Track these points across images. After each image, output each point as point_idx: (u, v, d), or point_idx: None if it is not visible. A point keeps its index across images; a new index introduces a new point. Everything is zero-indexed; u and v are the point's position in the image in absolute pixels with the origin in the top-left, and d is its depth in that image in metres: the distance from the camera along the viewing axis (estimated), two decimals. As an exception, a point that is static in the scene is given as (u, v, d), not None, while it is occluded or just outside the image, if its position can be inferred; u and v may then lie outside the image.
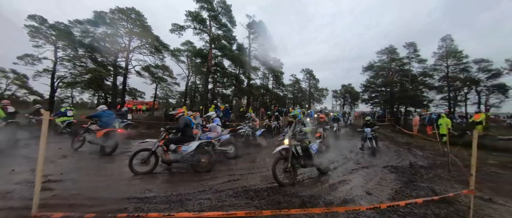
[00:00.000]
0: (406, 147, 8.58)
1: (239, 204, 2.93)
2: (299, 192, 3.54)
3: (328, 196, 3.43)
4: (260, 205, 2.95)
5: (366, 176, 4.53)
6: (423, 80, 21.14)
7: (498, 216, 2.83)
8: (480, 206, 3.09)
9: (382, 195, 3.55)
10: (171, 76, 22.68)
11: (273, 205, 2.96)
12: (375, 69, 22.72)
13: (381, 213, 2.67)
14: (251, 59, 22.31)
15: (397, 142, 10.00)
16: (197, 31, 15.83)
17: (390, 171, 4.92)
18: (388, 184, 4.07)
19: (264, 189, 3.61)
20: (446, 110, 18.64)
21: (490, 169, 5.48)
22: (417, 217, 2.63)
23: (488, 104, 20.47)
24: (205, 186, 3.71)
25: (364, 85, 24.31)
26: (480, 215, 2.80)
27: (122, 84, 15.20)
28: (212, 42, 15.08)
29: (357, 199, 3.37)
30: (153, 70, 17.82)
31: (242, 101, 25.60)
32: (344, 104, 37.42)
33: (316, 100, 35.37)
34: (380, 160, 6.21)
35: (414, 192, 3.56)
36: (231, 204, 2.93)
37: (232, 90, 24.38)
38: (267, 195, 3.36)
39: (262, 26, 20.65)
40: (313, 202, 3.09)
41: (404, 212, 2.76)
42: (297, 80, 33.06)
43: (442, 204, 2.96)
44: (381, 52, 22.35)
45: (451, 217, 2.62)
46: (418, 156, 7.08)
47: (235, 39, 16.89)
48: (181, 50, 20.26)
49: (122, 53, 15.22)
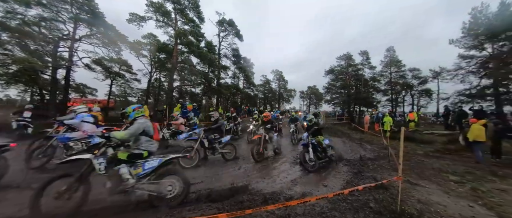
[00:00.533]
0: (359, 142, 9.74)
1: (199, 208, 2.82)
2: (263, 190, 3.63)
3: (289, 191, 3.61)
4: (223, 206, 2.90)
5: (324, 170, 4.95)
6: (373, 84, 24.46)
7: (420, 196, 3.47)
8: (408, 189, 3.74)
9: (336, 186, 3.94)
10: (130, 71, 20.35)
11: (236, 205, 2.94)
12: (335, 73, 25.15)
13: (333, 202, 2.95)
14: (221, 58, 21.85)
15: (352, 138, 11.26)
16: (161, 24, 14.57)
17: (344, 164, 5.49)
18: (341, 176, 4.54)
19: (228, 189, 3.57)
20: (390, 109, 21.97)
21: (418, 158, 6.69)
22: (361, 203, 3.00)
23: (419, 105, 25.23)
24: (244, 172, 3.54)
25: (326, 87, 26.72)
26: (408, 196, 3.37)
27: (65, 79, 12.81)
28: (178, 37, 14.08)
29: (315, 191, 3.66)
30: (106, 64, 15.61)
31: (212, 101, 24.87)
32: (310, 105, 40.27)
33: (285, 100, 37.00)
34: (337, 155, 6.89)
35: (361, 181, 4.06)
36: (190, 209, 2.79)
37: (201, 89, 23.43)
38: (231, 195, 3.33)
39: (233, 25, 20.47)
40: (275, 198, 3.21)
41: (352, 199, 3.12)
42: (268, 80, 34.00)
43: (380, 189, 3.46)
44: (340, 58, 24.87)
45: (387, 200, 3.08)
46: (367, 149, 8.11)
47: (204, 36, 16.22)
48: (143, 44, 18.37)
49: (65, 42, 12.85)
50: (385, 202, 2.98)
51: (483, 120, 6.69)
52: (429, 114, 27.42)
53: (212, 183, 4.04)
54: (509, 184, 4.33)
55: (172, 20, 14.34)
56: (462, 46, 15.06)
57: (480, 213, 2.98)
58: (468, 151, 6.96)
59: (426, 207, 3.01)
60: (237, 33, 21.03)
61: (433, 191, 3.79)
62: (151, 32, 18.17)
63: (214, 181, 4.19)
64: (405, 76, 23.38)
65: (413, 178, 4.50)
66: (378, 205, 2.91)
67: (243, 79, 26.88)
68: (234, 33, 20.94)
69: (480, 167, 5.55)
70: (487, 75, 13.85)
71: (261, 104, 34.60)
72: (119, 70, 18.38)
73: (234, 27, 20.60)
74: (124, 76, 19.56)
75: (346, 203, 3.00)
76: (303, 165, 4.77)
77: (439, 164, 5.93)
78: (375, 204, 2.93)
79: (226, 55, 22.76)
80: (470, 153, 6.62)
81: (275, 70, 34.48)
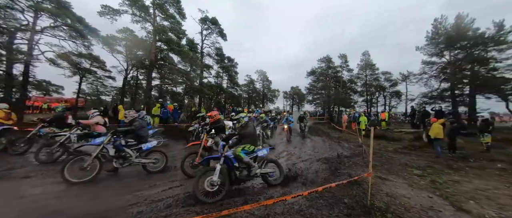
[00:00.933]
0: (337, 141, 10.27)
1: (177, 213, 2.71)
2: (244, 191, 3.62)
3: (270, 190, 3.66)
4: (202, 210, 2.83)
5: (304, 168, 5.12)
6: (350, 86, 25.98)
7: (388, 189, 3.77)
8: (378, 184, 4.04)
9: (314, 184, 4.09)
10: (103, 68, 18.80)
11: (216, 207, 2.89)
12: (316, 75, 26.19)
13: (310, 200, 3.07)
14: (204, 57, 21.29)
15: (331, 137, 11.83)
16: (137, 19, 13.66)
17: (322, 162, 5.74)
18: (320, 173, 4.73)
19: (209, 192, 3.49)
20: (364, 109, 23.56)
21: (388, 154, 7.27)
22: (337, 199, 3.17)
23: (390, 105, 27.47)
24: (140, 197, 3.25)
25: (308, 88, 27.71)
26: (378, 191, 3.65)
27: (23, 75, 11.34)
28: (157, 33, 13.34)
29: (294, 190, 3.76)
30: (74, 59, 14.20)
31: (195, 100, 24.14)
32: (293, 105, 41.29)
33: (269, 100, 37.46)
34: (317, 153, 7.18)
35: (337, 178, 4.28)
36: (168, 214, 2.67)
37: (183, 88, 22.59)
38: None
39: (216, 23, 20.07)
40: (255, 199, 3.23)
41: (328, 196, 3.27)
42: (252, 80, 34.10)
43: (354, 185, 3.69)
44: (320, 60, 25.96)
45: (359, 195, 3.29)
46: (344, 147, 8.58)
47: (185, 34, 15.59)
48: (117, 39, 17.09)
49: (23, 34, 11.37)
50: (358, 197, 3.18)
51: (442, 119, 7.53)
52: (399, 113, 29.98)
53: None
54: (461, 176, 4.92)
55: (150, 15, 13.53)
56: (425, 53, 16.77)
57: (437, 202, 3.34)
58: (430, 147, 7.76)
59: (393, 200, 3.28)
60: (221, 32, 20.69)
61: (399, 184, 4.15)
62: (127, 27, 17.04)
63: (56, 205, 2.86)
64: (378, 78, 25.28)
65: (383, 173, 4.88)
66: (351, 200, 3.09)
67: (227, 79, 26.57)
68: (218, 32, 20.56)
69: (439, 161, 6.23)
70: (445, 80, 15.59)
71: (245, 104, 34.59)
72: (90, 67, 16.88)
73: (218, 25, 20.23)
74: (95, 73, 17.99)
75: (323, 199, 3.14)
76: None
77: (405, 159, 6.52)
78: (349, 199, 3.12)
79: (209, 54, 22.27)
80: (432, 149, 7.39)
81: (259, 70, 34.79)
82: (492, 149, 7.46)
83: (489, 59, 13.67)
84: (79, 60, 14.81)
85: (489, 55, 13.76)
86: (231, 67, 26.04)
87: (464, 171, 5.35)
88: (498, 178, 4.83)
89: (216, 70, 24.33)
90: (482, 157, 6.82)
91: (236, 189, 3.64)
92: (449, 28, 15.29)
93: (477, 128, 8.53)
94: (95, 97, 23.20)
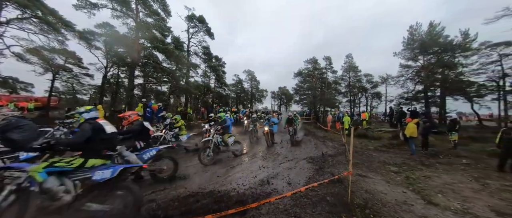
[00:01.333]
0: (322, 140, 10.60)
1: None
2: (231, 192, 3.61)
3: (257, 190, 3.69)
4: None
5: (290, 168, 5.22)
6: (335, 87, 26.99)
7: (367, 186, 3.99)
8: (359, 181, 4.25)
9: (299, 182, 4.19)
10: (80, 65, 17.58)
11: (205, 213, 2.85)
12: (303, 76, 26.83)
13: (294, 199, 3.15)
14: (190, 56, 20.77)
15: (317, 136, 12.18)
16: (118, 14, 12.93)
17: (307, 161, 5.89)
18: (305, 172, 4.86)
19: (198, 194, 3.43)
20: (347, 110, 24.60)
21: (369, 153, 7.66)
22: (320, 197, 3.28)
23: (371, 105, 29.01)
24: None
25: (295, 88, 28.29)
26: (358, 188, 3.84)
27: (-16, 71, 10.20)
28: (140, 30, 12.72)
29: (280, 189, 3.82)
30: (46, 54, 13.09)
31: (181, 100, 23.48)
32: (280, 105, 41.83)
33: (257, 100, 37.57)
34: (303, 153, 7.36)
35: (321, 177, 4.43)
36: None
37: (168, 88, 21.86)
38: (196, 201, 3.20)
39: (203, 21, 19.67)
40: (242, 200, 3.23)
41: (312, 194, 3.38)
42: (240, 80, 33.96)
43: (337, 183, 3.85)
44: (307, 62, 26.64)
45: (341, 193, 3.44)
46: (329, 146, 8.88)
47: (171, 31, 15.03)
48: (96, 34, 16.06)
49: (-16, 25, 10.22)
50: (339, 195, 3.32)
51: (416, 119, 8.12)
52: (379, 113, 31.73)
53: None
54: (432, 172, 5.35)
55: (132, 11, 12.89)
56: (402, 58, 17.96)
57: (410, 197, 3.60)
58: (406, 145, 8.33)
59: (371, 196, 3.48)
60: (208, 30, 20.34)
61: (378, 181, 4.40)
62: (107, 22, 16.09)
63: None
64: (361, 80, 26.57)
65: (363, 171, 5.15)
66: (333, 198, 3.22)
67: (215, 79, 26.20)
68: (205, 30, 20.18)
69: (413, 158, 6.71)
70: (420, 82, 16.84)
71: (233, 104, 34.36)
72: (64, 63, 15.68)
73: (205, 24, 19.86)
74: (71, 70, 16.78)
75: (307, 198, 3.23)
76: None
77: (384, 157, 6.93)
78: (331, 197, 3.24)
79: (196, 52, 21.78)
80: (408, 147, 7.93)
81: (247, 70, 34.76)
82: (458, 146, 8.21)
83: (457, 65, 15.02)
84: (51, 56, 13.68)
85: (456, 61, 15.10)
86: (219, 67, 25.72)
87: (435, 167, 5.82)
88: (463, 172, 5.33)
89: (203, 70, 23.88)
90: (450, 153, 7.46)
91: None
92: (423, 35, 16.53)
93: (446, 127, 9.32)
94: (71, 96, 21.67)
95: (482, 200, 3.56)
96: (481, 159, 6.76)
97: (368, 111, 25.24)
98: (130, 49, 13.23)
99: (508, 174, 5.15)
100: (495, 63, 14.04)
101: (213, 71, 25.03)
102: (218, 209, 2.68)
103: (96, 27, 16.14)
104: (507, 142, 5.39)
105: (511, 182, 4.57)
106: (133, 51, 13.02)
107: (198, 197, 3.30)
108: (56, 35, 12.68)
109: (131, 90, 13.19)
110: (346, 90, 27.00)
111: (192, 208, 2.85)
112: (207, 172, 4.97)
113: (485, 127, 14.28)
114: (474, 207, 3.27)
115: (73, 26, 13.22)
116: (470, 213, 3.07)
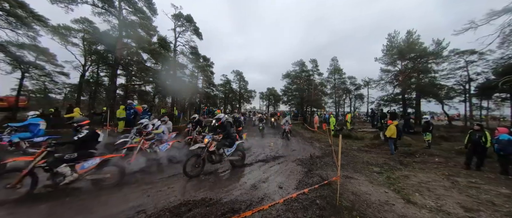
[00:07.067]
0: (310, 141, 10.92)
1: None
2: (223, 199, 3.59)
3: (249, 195, 3.72)
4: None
5: (280, 170, 5.32)
6: (321, 89, 27.89)
7: (353, 188, 4.21)
8: (345, 183, 4.47)
9: (290, 186, 4.29)
10: (53, 62, 16.20)
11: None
12: (291, 77, 27.36)
13: (286, 204, 3.23)
14: (177, 55, 20.13)
15: (304, 137, 12.51)
16: (99, 11, 12.13)
17: (297, 163, 6.05)
18: (295, 175, 4.99)
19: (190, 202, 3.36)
20: (330, 111, 25.59)
21: (353, 153, 8.07)
22: (310, 201, 3.40)
23: (355, 107, 30.47)
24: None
25: (283, 90, 28.77)
26: (345, 190, 4.04)
27: None
28: (123, 29, 12.04)
29: (272, 194, 3.89)
30: (14, 50, 11.90)
31: (167, 101, 22.67)
32: (269, 105, 42.22)
33: (245, 100, 37.51)
34: (292, 154, 7.53)
35: (311, 180, 4.59)
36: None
37: (153, 88, 21.00)
38: (188, 210, 3.15)
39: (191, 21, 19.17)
40: (235, 207, 3.24)
41: (302, 198, 3.49)
42: (228, 80, 33.68)
43: (326, 186, 4.01)
44: (295, 64, 27.22)
45: (330, 196, 3.60)
46: (316, 147, 9.18)
47: (156, 31, 14.44)
48: (73, 30, 14.93)
49: None
50: (328, 198, 3.48)
51: (396, 121, 8.71)
52: (362, 113, 33.41)
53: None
54: (409, 171, 5.79)
55: (115, 8, 12.18)
56: (382, 63, 19.12)
57: (391, 197, 3.88)
58: (386, 145, 8.90)
59: (358, 198, 3.69)
60: (196, 30, 19.85)
61: (362, 182, 4.67)
62: (86, 17, 15.02)
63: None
64: (345, 82, 27.78)
65: (349, 172, 5.42)
66: (323, 201, 3.37)
67: (202, 79, 25.70)
68: (192, 29, 19.66)
69: (392, 158, 7.20)
70: (398, 85, 18.05)
71: (221, 104, 33.98)
72: (35, 60, 14.36)
73: (192, 23, 19.34)
74: (43, 68, 15.39)
75: (298, 202, 3.33)
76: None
77: (367, 157, 7.34)
78: (321, 200, 3.38)
79: (183, 52, 21.17)
80: (387, 146, 8.48)
81: (236, 70, 34.60)
82: (432, 146, 8.96)
83: (430, 70, 16.37)
84: (20, 53, 12.46)
85: (429, 67, 16.46)
86: (207, 67, 25.27)
87: (412, 166, 6.30)
88: (436, 170, 5.84)
89: (191, 70, 23.29)
90: (425, 152, 8.12)
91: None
92: (401, 42, 17.76)
93: (421, 127, 10.13)
94: (42, 96, 19.95)
95: (453, 197, 3.95)
96: (451, 157, 7.46)
97: (351, 111, 26.44)
98: (112, 48, 12.51)
99: (473, 171, 5.75)
100: (462, 69, 15.59)
101: (201, 72, 24.53)
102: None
103: (73, 23, 15.04)
104: (474, 143, 6.01)
105: (476, 179, 5.11)
106: (116, 50, 12.32)
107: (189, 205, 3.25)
108: (26, 30, 11.58)
109: (113, 91, 12.43)
110: (331, 91, 28.04)
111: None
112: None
113: (453, 126, 15.76)
114: (446, 205, 3.62)
115: (46, 21, 12.17)
116: (442, 211, 3.39)
